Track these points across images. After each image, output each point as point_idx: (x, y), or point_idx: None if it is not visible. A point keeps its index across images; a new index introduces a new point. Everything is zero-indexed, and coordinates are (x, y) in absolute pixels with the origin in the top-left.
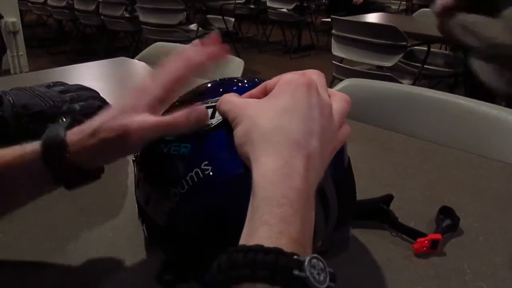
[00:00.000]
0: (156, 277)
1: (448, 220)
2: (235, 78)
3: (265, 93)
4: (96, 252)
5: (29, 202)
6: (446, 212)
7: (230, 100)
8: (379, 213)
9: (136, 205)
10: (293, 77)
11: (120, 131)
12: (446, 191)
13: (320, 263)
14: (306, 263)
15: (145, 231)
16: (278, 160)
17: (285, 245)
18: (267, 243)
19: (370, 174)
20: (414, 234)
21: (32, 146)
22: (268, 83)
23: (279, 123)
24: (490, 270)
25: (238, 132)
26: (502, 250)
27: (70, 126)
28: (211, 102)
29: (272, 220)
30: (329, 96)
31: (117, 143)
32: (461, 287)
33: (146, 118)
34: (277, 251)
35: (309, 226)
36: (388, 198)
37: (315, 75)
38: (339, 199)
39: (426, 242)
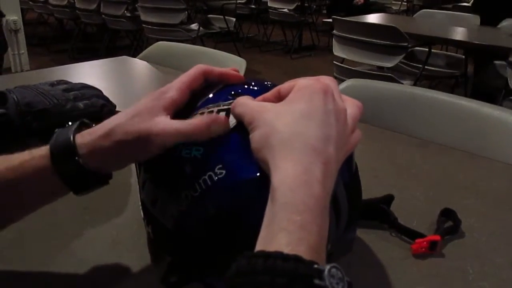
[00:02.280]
0: (162, 279)
1: (449, 222)
2: (245, 81)
3: (278, 97)
4: (99, 250)
5: (38, 208)
6: (448, 214)
7: (245, 103)
8: (379, 213)
9: (141, 207)
10: (309, 83)
11: (139, 134)
12: (448, 191)
13: (339, 272)
14: (325, 272)
15: (151, 233)
16: (297, 166)
17: (304, 253)
18: (286, 250)
19: (371, 174)
20: (413, 235)
21: (40, 151)
22: (282, 87)
23: (297, 128)
24: (492, 270)
25: (255, 137)
26: (505, 250)
27: (79, 129)
28: (223, 105)
29: (291, 226)
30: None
31: (134, 146)
32: (463, 286)
33: (168, 123)
34: (296, 259)
35: (325, 233)
36: (389, 199)
37: (329, 81)
38: (348, 203)
39: (425, 243)
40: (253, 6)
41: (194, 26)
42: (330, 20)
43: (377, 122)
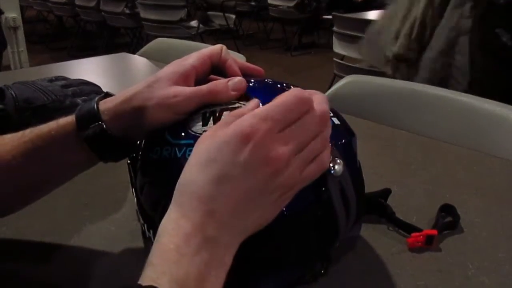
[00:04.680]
0: None
1: (449, 217)
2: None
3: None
4: (98, 245)
5: (66, 179)
6: (447, 209)
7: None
8: (377, 207)
9: (138, 211)
10: (239, 121)
11: (156, 100)
12: (448, 187)
13: None
14: None
15: (153, 238)
16: (178, 211)
17: (166, 285)
18: (148, 281)
19: (371, 170)
20: (409, 229)
21: (67, 119)
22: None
23: (195, 177)
24: (492, 266)
25: None
26: (505, 246)
27: (103, 98)
28: (226, 105)
29: (156, 261)
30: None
31: (152, 112)
32: (463, 282)
33: (183, 89)
34: None
35: (200, 268)
36: (386, 193)
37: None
38: (356, 199)
39: (421, 237)
40: (253, 3)
41: (193, 23)
42: (330, 17)
43: (376, 118)
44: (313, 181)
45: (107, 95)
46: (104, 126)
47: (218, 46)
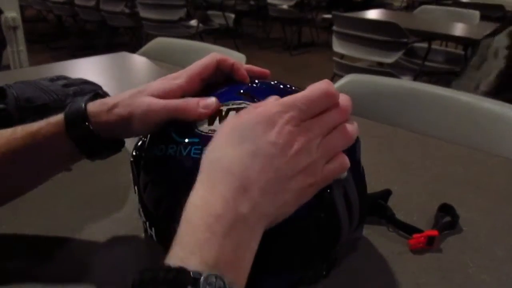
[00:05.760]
0: None
1: (448, 217)
2: (251, 80)
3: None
4: (99, 244)
5: (55, 174)
6: (446, 209)
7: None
8: (377, 208)
9: (141, 209)
10: (267, 107)
11: (133, 111)
12: (448, 186)
13: (220, 281)
14: (201, 280)
15: (154, 236)
16: (207, 188)
17: (196, 266)
18: (176, 262)
19: (371, 169)
20: (410, 230)
21: (56, 118)
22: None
23: (227, 154)
24: (493, 264)
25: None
26: (505, 244)
27: (92, 99)
28: (232, 105)
29: (185, 240)
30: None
31: (131, 121)
32: (464, 280)
33: (157, 101)
34: (177, 270)
35: (231, 250)
36: (386, 194)
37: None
38: (359, 202)
39: (423, 238)
40: (252, 3)
41: (193, 22)
42: (330, 16)
43: (376, 117)
44: None
45: (97, 95)
46: (91, 127)
47: (212, 59)
